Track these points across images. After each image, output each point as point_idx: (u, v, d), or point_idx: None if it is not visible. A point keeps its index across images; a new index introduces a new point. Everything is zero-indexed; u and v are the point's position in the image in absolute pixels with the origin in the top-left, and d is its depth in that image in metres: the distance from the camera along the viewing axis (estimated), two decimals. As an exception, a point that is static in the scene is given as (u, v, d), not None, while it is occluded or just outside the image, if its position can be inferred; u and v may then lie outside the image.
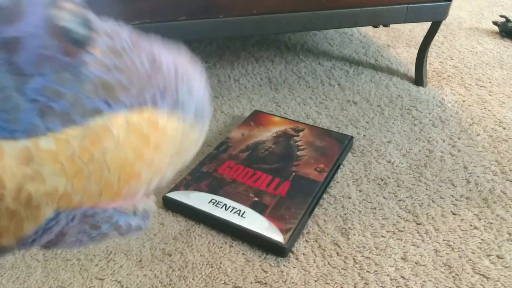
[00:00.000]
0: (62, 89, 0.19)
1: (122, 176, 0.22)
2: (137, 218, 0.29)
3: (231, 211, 0.57)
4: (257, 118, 0.78)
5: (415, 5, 0.82)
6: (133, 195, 0.24)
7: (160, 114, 0.23)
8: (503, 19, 1.20)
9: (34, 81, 0.18)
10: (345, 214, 0.60)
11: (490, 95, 0.91)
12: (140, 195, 0.25)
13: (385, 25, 0.84)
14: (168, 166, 0.25)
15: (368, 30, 1.23)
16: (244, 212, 0.57)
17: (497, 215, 0.60)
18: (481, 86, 0.94)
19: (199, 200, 0.59)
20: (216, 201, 0.59)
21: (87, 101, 0.20)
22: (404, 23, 0.84)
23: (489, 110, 0.85)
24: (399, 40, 1.17)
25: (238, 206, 0.58)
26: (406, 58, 1.06)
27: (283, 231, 0.54)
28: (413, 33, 1.21)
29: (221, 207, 0.58)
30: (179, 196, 0.60)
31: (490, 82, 0.96)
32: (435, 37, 0.97)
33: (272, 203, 0.59)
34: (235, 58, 1.07)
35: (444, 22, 1.27)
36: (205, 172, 0.65)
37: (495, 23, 1.20)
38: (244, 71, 1.00)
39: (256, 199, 0.59)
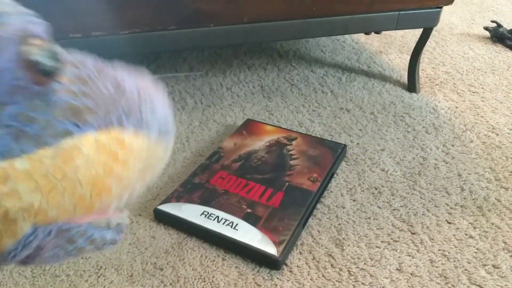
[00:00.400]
0: (34, 114, 0.21)
1: (94, 190, 0.24)
2: (111, 231, 0.30)
3: (223, 223, 0.56)
4: (249, 127, 0.77)
5: (406, 12, 0.82)
6: (105, 209, 0.26)
7: (126, 132, 0.25)
8: (494, 25, 1.20)
9: (8, 109, 0.20)
10: (339, 224, 0.60)
11: (482, 101, 0.91)
12: (112, 209, 0.27)
13: (377, 32, 0.84)
14: (136, 181, 0.27)
15: (360, 36, 1.23)
16: (236, 224, 0.56)
17: (492, 224, 0.60)
18: (473, 92, 0.94)
19: (191, 212, 0.58)
20: (208, 213, 0.58)
21: (57, 124, 0.22)
22: (395, 30, 0.84)
23: (482, 116, 0.85)
24: (391, 46, 1.17)
25: (230, 218, 0.57)
26: (399, 64, 1.06)
27: (277, 243, 0.53)
28: (405, 39, 1.21)
29: (214, 219, 0.57)
30: (170, 208, 0.59)
31: (483, 88, 0.96)
32: (427, 43, 0.97)
33: (265, 214, 0.58)
34: (227, 66, 1.06)
35: (435, 27, 1.28)
36: (197, 183, 0.64)
37: (486, 28, 1.21)
38: (236, 79, 1.00)
39: (249, 210, 0.58)
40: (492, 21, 1.21)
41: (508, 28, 1.17)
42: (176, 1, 0.70)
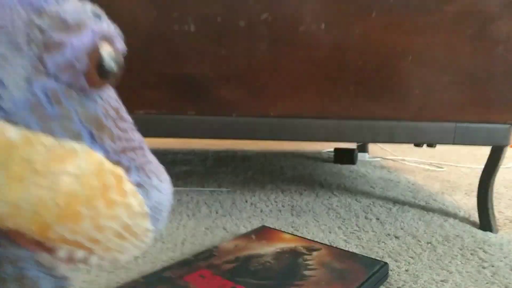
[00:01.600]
0: (63, 99, 0.20)
1: (67, 207, 0.20)
2: (51, 279, 0.24)
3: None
4: (262, 232, 0.60)
5: (465, 124, 0.69)
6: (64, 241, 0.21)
7: (128, 180, 0.23)
8: None
9: (46, 80, 0.20)
10: None
11: None
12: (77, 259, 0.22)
13: (430, 145, 0.70)
14: (113, 238, 0.22)
15: (417, 178, 1.08)
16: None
17: None
18: None
19: (137, 307, 0.39)
20: (160, 311, 0.38)
21: (76, 122, 0.21)
22: (452, 144, 0.70)
23: None
24: (455, 190, 0.99)
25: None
26: (466, 204, 0.87)
27: None
28: (473, 185, 1.03)
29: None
30: (113, 298, 0.41)
31: None
32: (498, 181, 0.79)
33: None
34: (259, 187, 0.95)
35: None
36: (166, 277, 0.46)
37: None
38: (265, 198, 0.86)
39: (222, 317, 0.38)
40: None
41: None
42: (198, 86, 0.66)
